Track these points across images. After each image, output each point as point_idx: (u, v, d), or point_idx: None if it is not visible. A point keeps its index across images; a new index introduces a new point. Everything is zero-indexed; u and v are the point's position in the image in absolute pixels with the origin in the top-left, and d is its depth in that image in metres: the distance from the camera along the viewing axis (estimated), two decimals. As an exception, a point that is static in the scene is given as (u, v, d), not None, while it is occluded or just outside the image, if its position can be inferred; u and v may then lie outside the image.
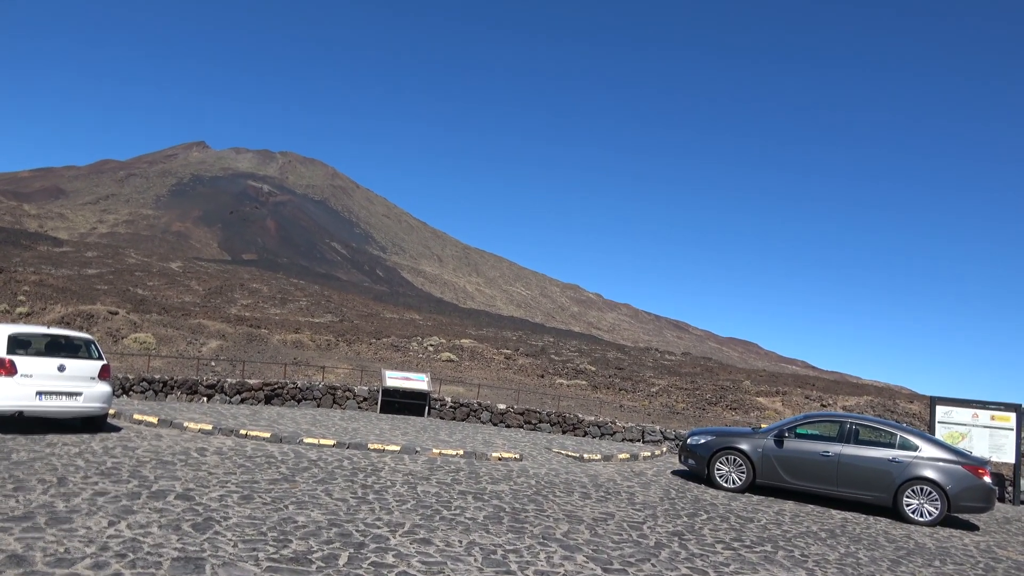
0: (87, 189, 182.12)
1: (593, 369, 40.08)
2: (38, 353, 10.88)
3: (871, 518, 11.13)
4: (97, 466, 8.64)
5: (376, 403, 19.53)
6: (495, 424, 19.70)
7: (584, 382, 34.90)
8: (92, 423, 11.40)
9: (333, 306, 55.08)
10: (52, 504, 6.73)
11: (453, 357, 36.13)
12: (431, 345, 38.54)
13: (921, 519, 11.02)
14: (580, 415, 20.25)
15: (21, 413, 10.42)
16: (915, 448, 11.44)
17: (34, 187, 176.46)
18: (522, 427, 19.66)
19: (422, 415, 19.61)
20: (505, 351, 41.04)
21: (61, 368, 10.73)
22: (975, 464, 11.35)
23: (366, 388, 19.91)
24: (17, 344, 10.67)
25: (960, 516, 11.99)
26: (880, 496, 11.34)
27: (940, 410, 16.29)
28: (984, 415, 15.92)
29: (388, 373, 19.99)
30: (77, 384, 10.83)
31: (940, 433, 15.90)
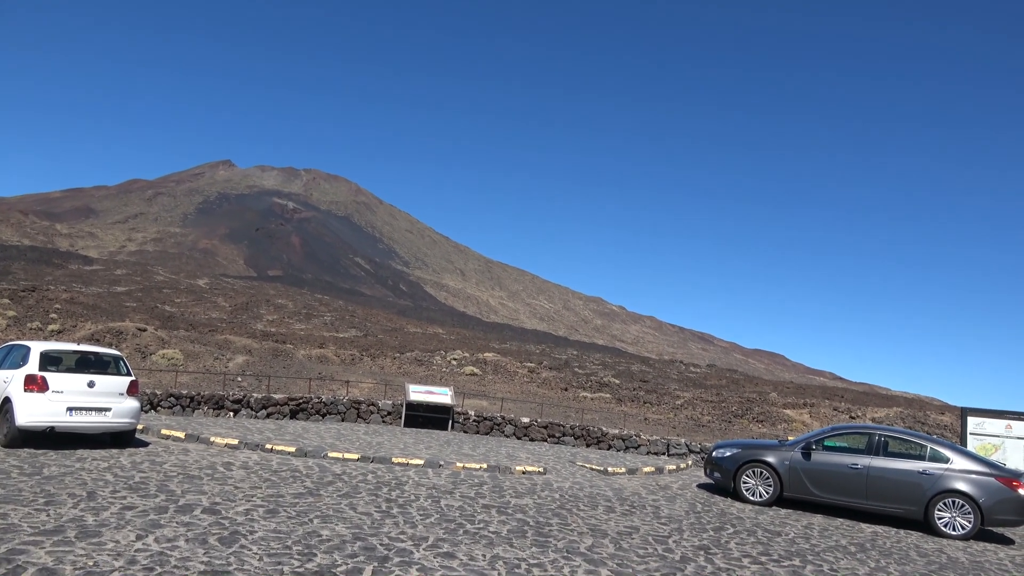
0: (116, 208, 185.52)
1: (617, 382, 39.87)
2: (68, 370, 11.08)
3: (901, 532, 10.93)
4: (125, 480, 8.76)
5: (400, 417, 19.59)
6: (519, 438, 19.65)
7: (608, 395, 34.73)
8: (121, 438, 11.57)
9: (357, 321, 55.44)
10: (82, 518, 6.83)
11: (476, 371, 36.16)
12: (454, 359, 38.60)
13: (953, 533, 10.80)
14: (604, 428, 20.14)
15: (52, 428, 10.61)
16: (946, 460, 11.22)
17: (65, 207, 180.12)
18: (546, 440, 19.59)
19: (445, 429, 19.62)
20: (528, 365, 40.99)
21: (91, 384, 10.91)
22: (1009, 476, 11.10)
23: (390, 402, 19.98)
24: (48, 361, 10.89)
25: (994, 530, 11.73)
26: (911, 509, 11.13)
27: (972, 421, 15.98)
28: (1018, 426, 15.59)
29: (412, 387, 20.05)
30: (106, 400, 11.00)
31: (972, 445, 15.58)
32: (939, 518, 10.93)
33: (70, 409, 10.63)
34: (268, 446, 12.45)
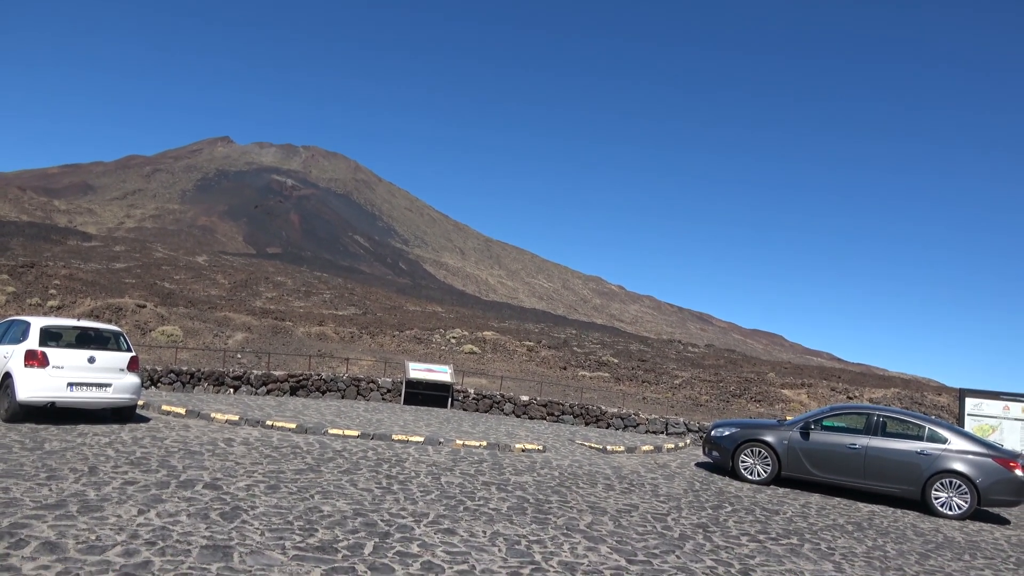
0: (114, 184, 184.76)
1: (616, 361, 39.96)
2: (69, 345, 11.08)
3: (899, 511, 11.01)
4: (127, 456, 8.78)
5: (400, 394, 19.64)
6: (518, 416, 19.72)
7: (607, 374, 34.80)
8: (122, 414, 11.60)
9: (356, 299, 55.43)
10: (84, 493, 6.85)
11: (476, 349, 36.21)
12: (454, 337, 38.63)
13: (950, 512, 10.87)
14: (603, 407, 20.20)
15: (53, 404, 10.63)
16: (944, 440, 11.28)
17: (63, 183, 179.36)
18: (545, 419, 19.66)
19: (445, 406, 19.69)
20: (527, 343, 41.04)
21: (91, 360, 10.91)
22: (1006, 457, 11.16)
23: (390, 380, 20.02)
24: (49, 336, 10.88)
25: (990, 510, 11.81)
26: (908, 489, 11.20)
27: (970, 402, 16.04)
28: (1016, 407, 15.66)
29: (411, 365, 20.08)
30: (107, 375, 11.01)
31: (970, 426, 15.66)
32: (936, 498, 11.00)
33: (71, 384, 10.64)
34: (269, 422, 12.48)
